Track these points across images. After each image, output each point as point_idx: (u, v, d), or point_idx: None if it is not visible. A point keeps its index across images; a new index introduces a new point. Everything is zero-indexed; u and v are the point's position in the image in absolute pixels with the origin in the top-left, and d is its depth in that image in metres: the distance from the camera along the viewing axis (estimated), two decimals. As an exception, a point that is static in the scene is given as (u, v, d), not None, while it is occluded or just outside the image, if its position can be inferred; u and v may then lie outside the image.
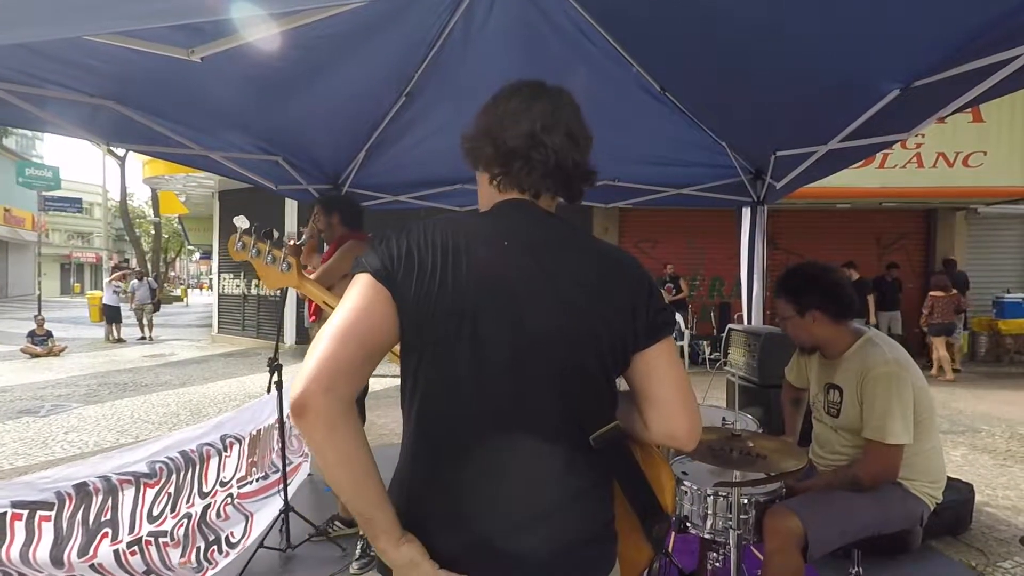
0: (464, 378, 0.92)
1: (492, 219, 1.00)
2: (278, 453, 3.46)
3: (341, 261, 2.84)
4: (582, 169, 1.03)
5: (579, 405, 0.95)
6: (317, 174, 3.70)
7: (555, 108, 1.01)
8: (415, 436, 0.97)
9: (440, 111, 3.38)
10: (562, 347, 0.93)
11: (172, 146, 2.61)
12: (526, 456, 0.94)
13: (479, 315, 0.91)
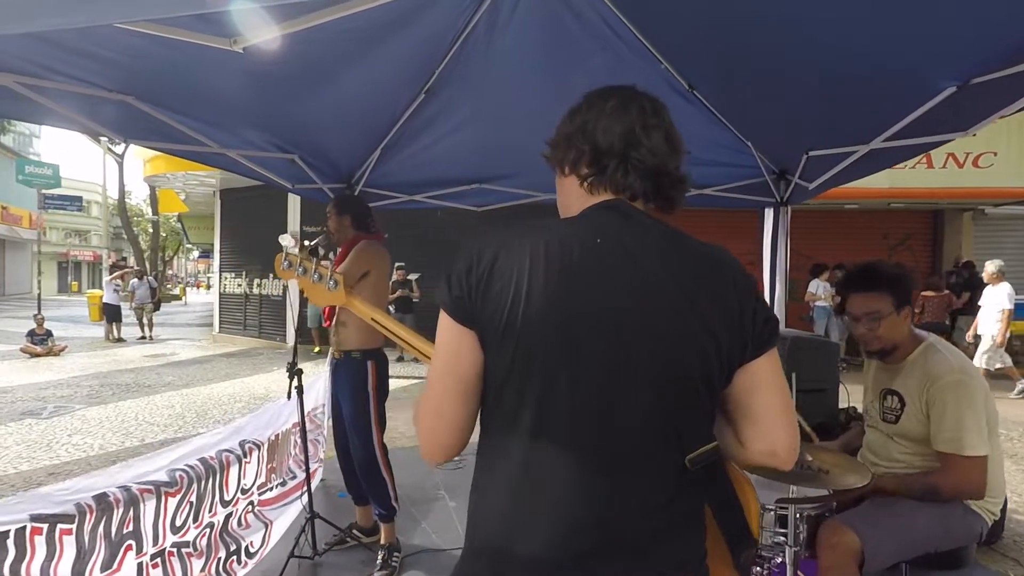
0: (555, 394, 0.86)
1: (583, 222, 0.93)
2: (295, 459, 3.38)
3: (356, 264, 2.76)
4: (677, 176, 0.97)
5: (678, 423, 0.88)
6: (331, 173, 3.61)
7: (654, 110, 0.95)
8: (498, 453, 0.91)
9: (460, 108, 3.30)
10: (664, 360, 0.86)
11: (190, 144, 2.53)
12: (620, 478, 0.87)
13: (572, 326, 0.85)
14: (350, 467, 2.96)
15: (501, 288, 0.85)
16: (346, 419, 2.84)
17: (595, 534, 0.86)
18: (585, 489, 0.86)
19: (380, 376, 2.83)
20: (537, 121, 3.48)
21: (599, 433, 0.86)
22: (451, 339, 0.89)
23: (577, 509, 0.86)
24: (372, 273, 2.78)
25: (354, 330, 2.79)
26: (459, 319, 0.88)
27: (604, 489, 0.87)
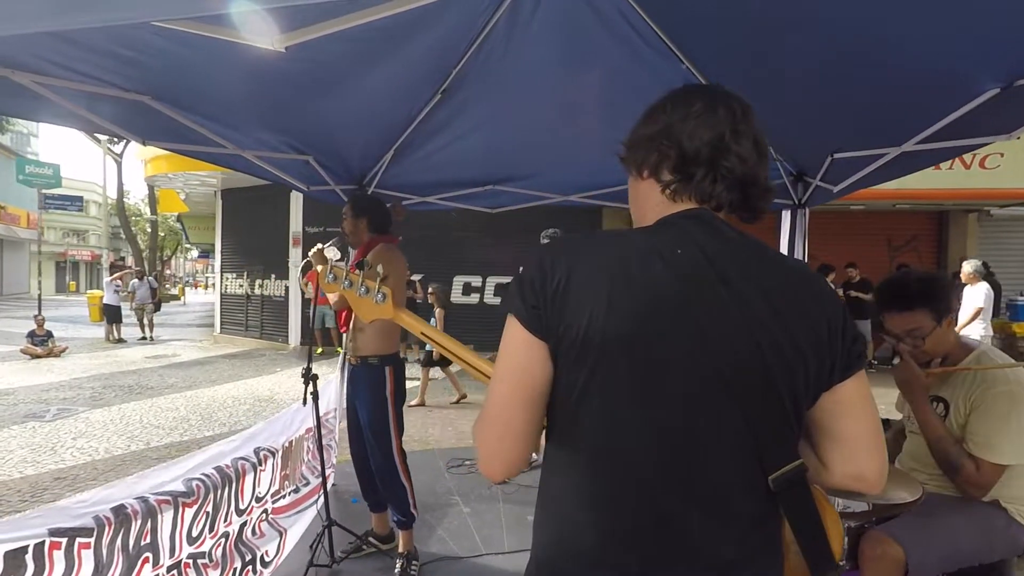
0: (636, 411, 0.81)
1: (666, 233, 0.87)
2: (308, 465, 3.33)
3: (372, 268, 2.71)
4: (765, 185, 0.91)
5: (762, 443, 0.83)
6: (344, 175, 3.56)
7: (743, 113, 0.89)
8: (572, 471, 0.86)
9: (476, 109, 3.25)
10: (750, 378, 0.81)
11: (206, 145, 2.47)
12: (701, 500, 0.82)
13: (656, 342, 0.80)
14: (367, 474, 2.91)
15: (580, 300, 0.80)
16: (364, 425, 2.79)
17: (672, 558, 0.82)
18: (664, 511, 0.82)
19: (398, 381, 2.78)
20: (553, 122, 3.47)
21: (682, 452, 0.82)
22: (522, 351, 0.84)
23: (655, 532, 0.82)
24: (390, 278, 2.72)
25: (372, 336, 2.73)
26: (533, 330, 0.83)
27: (684, 512, 0.82)
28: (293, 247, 11.70)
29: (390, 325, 2.87)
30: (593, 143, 3.57)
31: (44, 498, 3.90)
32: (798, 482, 0.85)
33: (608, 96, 3.14)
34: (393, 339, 2.80)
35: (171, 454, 4.90)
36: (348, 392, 2.91)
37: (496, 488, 3.94)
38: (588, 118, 3.36)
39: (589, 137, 3.52)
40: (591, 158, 3.69)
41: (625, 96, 3.23)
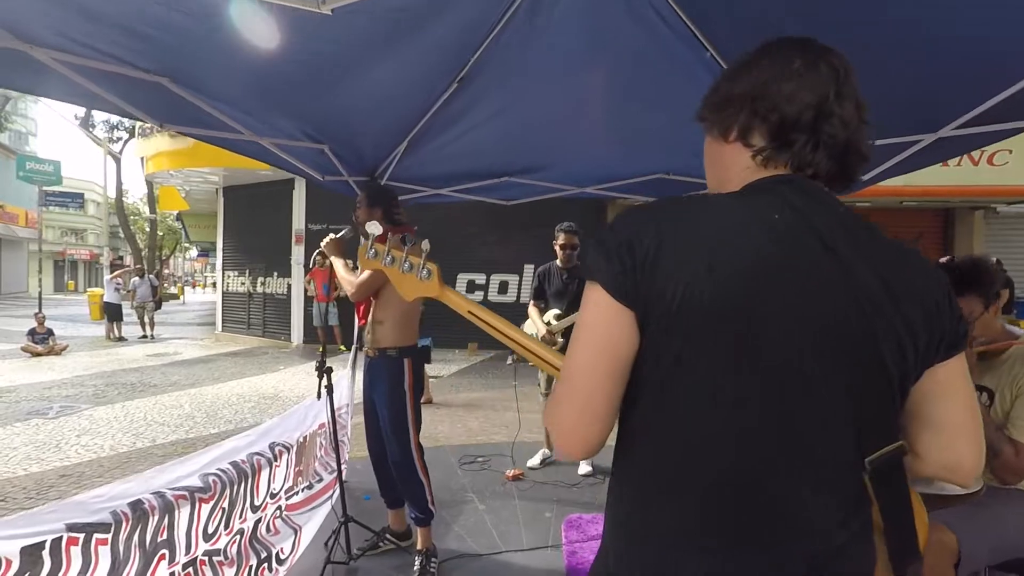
0: (733, 386, 0.74)
1: (761, 196, 0.81)
2: (321, 461, 3.26)
3: None
4: (864, 153, 0.84)
5: (863, 419, 0.77)
6: (357, 165, 3.49)
7: (845, 73, 0.81)
8: (656, 447, 0.79)
9: (493, 99, 3.18)
10: (856, 350, 0.75)
11: (223, 130, 2.41)
12: (799, 484, 0.76)
13: (756, 308, 0.73)
14: (384, 469, 2.85)
15: (675, 266, 0.74)
16: (381, 419, 2.72)
17: (777, 539, 0.76)
18: (769, 488, 0.75)
19: (416, 374, 2.72)
20: (571, 112, 3.41)
21: (784, 426, 0.75)
22: (607, 320, 0.77)
23: (758, 511, 0.75)
24: None
25: (391, 327, 2.67)
26: (621, 297, 0.75)
27: (791, 489, 0.76)
28: (295, 244, 11.63)
29: (410, 316, 2.84)
30: (611, 133, 3.52)
31: (50, 495, 3.83)
32: (896, 465, 0.79)
33: (629, 85, 3.08)
34: (412, 330, 2.74)
35: (177, 451, 4.83)
36: (365, 385, 2.84)
37: (511, 485, 3.88)
38: (607, 108, 3.30)
39: (607, 127, 3.47)
40: (608, 149, 3.64)
41: (646, 86, 3.18)
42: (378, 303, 2.68)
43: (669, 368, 0.76)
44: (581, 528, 3.19)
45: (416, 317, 2.76)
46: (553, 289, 4.12)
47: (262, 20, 2.01)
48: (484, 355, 10.51)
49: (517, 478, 3.98)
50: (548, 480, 3.98)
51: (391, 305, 2.66)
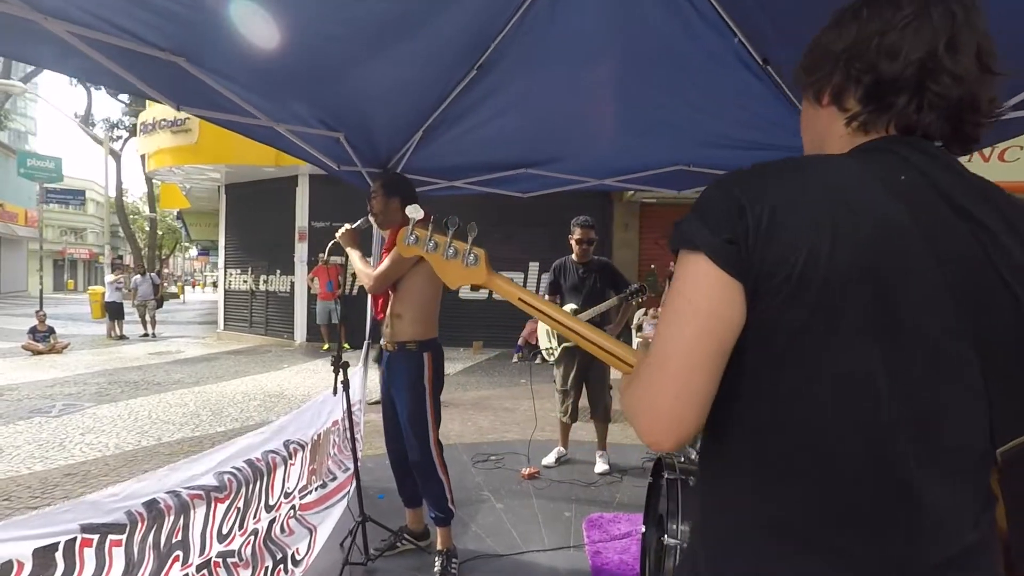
0: (861, 353, 0.65)
1: (877, 156, 0.72)
2: (335, 459, 3.18)
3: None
4: (988, 109, 0.73)
5: (998, 404, 0.67)
6: (371, 156, 3.40)
7: (964, 14, 0.70)
8: (768, 433, 0.70)
9: (513, 87, 3.09)
10: (996, 323, 0.67)
11: (239, 114, 2.32)
12: (940, 466, 0.67)
13: (888, 276, 0.64)
14: (402, 467, 2.76)
15: (794, 231, 0.64)
16: (400, 416, 2.63)
17: (908, 538, 0.67)
18: (901, 478, 0.66)
19: (436, 369, 2.63)
20: (593, 100, 3.32)
21: (918, 407, 0.66)
22: (712, 294, 0.67)
23: (889, 504, 0.66)
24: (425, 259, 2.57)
25: (410, 321, 2.58)
26: (729, 267, 0.66)
27: (925, 481, 0.66)
28: (299, 242, 11.54)
29: (430, 308, 2.73)
30: (632, 123, 3.43)
31: (55, 494, 3.74)
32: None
33: (652, 73, 2.99)
34: (432, 323, 2.65)
35: (184, 450, 4.75)
36: (383, 381, 2.75)
37: (527, 484, 3.79)
38: (629, 97, 3.21)
39: (628, 117, 3.37)
40: (628, 139, 3.55)
41: (670, 73, 3.09)
42: (397, 296, 2.59)
43: (787, 344, 0.66)
44: (603, 527, 3.11)
45: (436, 309, 2.67)
46: (569, 284, 4.04)
47: (262, 20, 1.93)
48: (489, 353, 10.42)
49: (533, 477, 3.89)
50: (564, 479, 3.89)
51: (410, 297, 2.58)
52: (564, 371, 4.05)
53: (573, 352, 3.99)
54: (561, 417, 4.15)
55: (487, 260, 1.15)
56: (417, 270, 2.57)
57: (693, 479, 2.07)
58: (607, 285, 4.00)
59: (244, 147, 11.00)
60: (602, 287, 4.00)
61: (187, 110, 2.14)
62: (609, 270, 4.08)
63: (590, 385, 4.04)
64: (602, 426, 4.13)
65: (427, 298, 2.60)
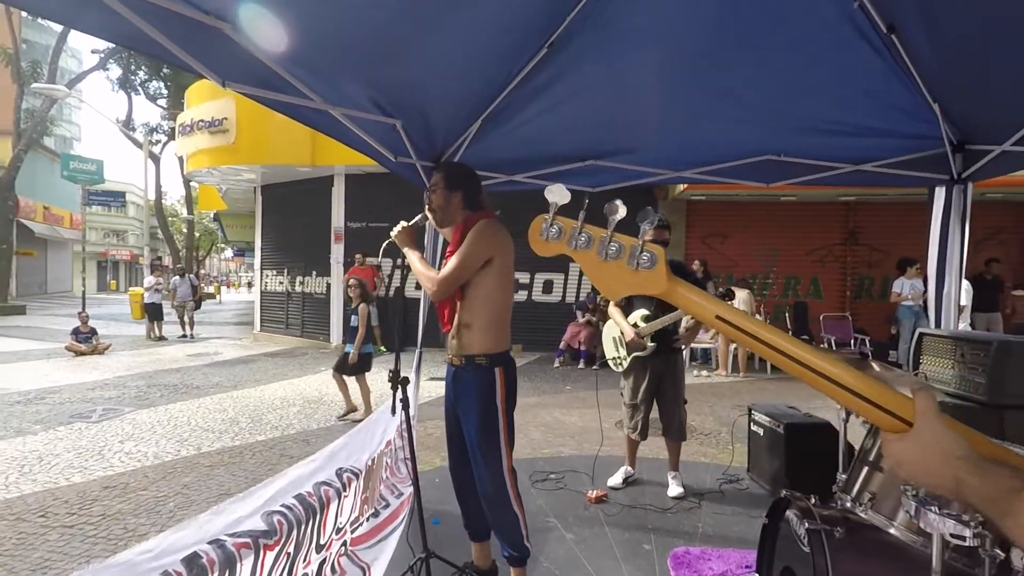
0: None
1: None
2: (387, 484, 2.87)
3: (479, 246, 2.21)
4: None
5: None
6: (426, 148, 3.08)
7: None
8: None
9: (585, 68, 2.73)
10: None
11: (292, 95, 2.02)
12: None
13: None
14: (469, 496, 2.44)
15: None
16: (469, 438, 2.30)
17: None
18: None
19: (509, 385, 2.29)
20: (674, 83, 2.93)
21: None
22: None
23: None
24: (496, 260, 2.24)
25: (480, 331, 2.25)
26: None
27: None
28: (335, 243, 11.37)
29: (503, 317, 2.32)
30: (716, 108, 3.01)
31: (93, 510, 3.53)
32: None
33: (749, 47, 2.59)
34: (504, 334, 2.32)
35: (223, 460, 4.52)
36: (448, 398, 2.42)
37: (595, 508, 3.43)
38: (714, 77, 2.81)
39: (713, 101, 2.97)
40: (711, 126, 3.14)
41: (771, 47, 2.67)
42: (464, 303, 2.26)
43: None
44: (691, 565, 2.73)
45: (508, 317, 2.33)
46: None
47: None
48: (529, 357, 10.06)
49: (600, 500, 3.53)
50: (635, 503, 3.51)
51: (480, 304, 2.24)
52: (634, 383, 3.67)
53: (645, 363, 3.61)
54: (630, 434, 3.78)
55: (666, 261, 0.80)
56: (488, 272, 2.24)
57: (842, 531, 1.69)
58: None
59: (280, 147, 10.89)
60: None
61: (235, 87, 1.84)
62: (682, 272, 3.70)
63: (663, 400, 3.65)
64: (675, 445, 3.74)
65: (499, 305, 2.27)
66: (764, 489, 3.73)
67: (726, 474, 3.96)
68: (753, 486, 3.83)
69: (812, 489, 3.31)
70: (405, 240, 2.42)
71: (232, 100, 10.94)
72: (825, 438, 3.53)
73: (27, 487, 3.94)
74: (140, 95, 31.38)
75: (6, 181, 21.12)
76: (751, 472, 3.95)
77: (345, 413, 5.84)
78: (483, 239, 2.22)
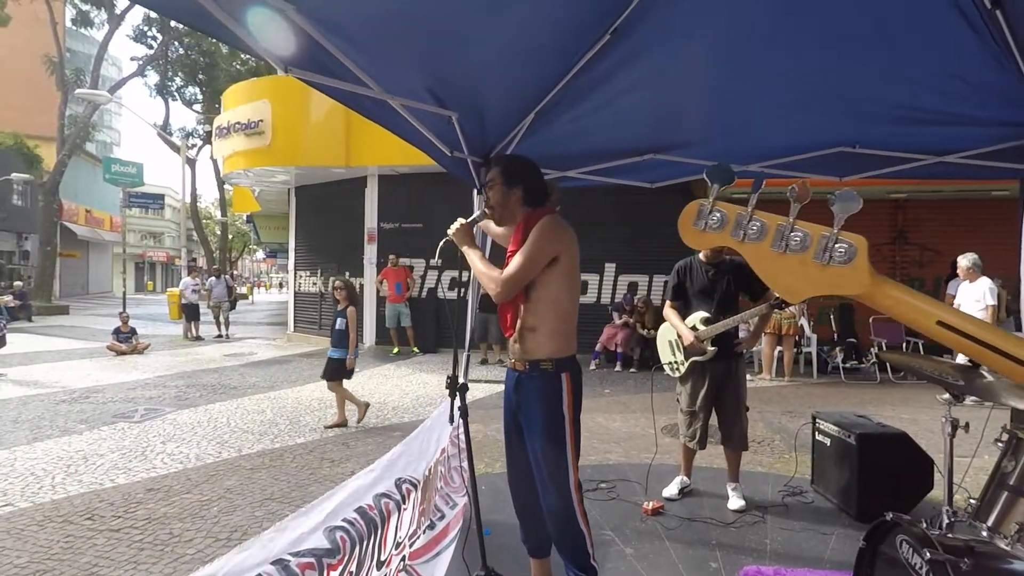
0: None
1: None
2: (441, 494, 2.74)
3: (545, 244, 2.06)
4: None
5: None
6: (477, 143, 2.95)
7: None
8: None
9: (651, 55, 2.56)
10: None
11: (351, 82, 1.91)
12: None
13: None
14: (530, 510, 2.29)
15: None
16: (532, 449, 2.15)
17: None
18: None
19: (576, 392, 2.14)
20: (745, 68, 2.74)
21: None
22: None
23: None
24: (563, 258, 2.09)
25: (546, 335, 2.10)
26: None
27: None
28: (368, 243, 11.37)
29: (570, 318, 2.12)
30: (791, 94, 2.81)
31: (138, 514, 3.49)
32: None
33: (830, 29, 2.39)
34: (571, 337, 2.17)
35: (264, 463, 4.47)
36: (509, 405, 2.28)
37: (652, 521, 3.26)
38: (792, 61, 2.61)
39: (786, 88, 2.78)
40: (781, 116, 2.94)
41: (854, 28, 2.47)
42: (529, 304, 2.11)
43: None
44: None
45: (575, 320, 2.18)
46: (697, 287, 3.47)
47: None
48: (564, 359, 9.88)
49: (657, 512, 3.35)
50: (695, 515, 3.32)
51: (546, 305, 2.09)
52: (692, 389, 3.48)
53: (704, 368, 3.42)
54: (686, 442, 3.59)
55: (867, 255, 0.64)
56: (553, 272, 2.08)
57: (969, 563, 1.50)
58: (742, 289, 3.40)
59: (315, 148, 10.94)
60: (735, 291, 3.41)
61: (296, 73, 1.73)
62: (745, 272, 3.49)
63: (723, 407, 3.46)
64: (735, 455, 3.54)
65: (566, 305, 2.12)
66: (831, 503, 3.50)
67: (788, 486, 3.74)
68: (818, 499, 3.61)
69: (890, 506, 3.08)
70: (464, 238, 2.29)
71: (268, 103, 11.04)
72: (901, 450, 3.29)
73: (73, 488, 3.94)
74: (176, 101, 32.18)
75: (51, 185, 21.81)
76: (816, 484, 3.72)
77: (334, 424, 5.63)
78: (549, 236, 2.08)
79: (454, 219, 2.33)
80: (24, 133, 27.44)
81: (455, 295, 10.74)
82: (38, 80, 28.95)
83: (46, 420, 5.77)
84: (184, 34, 28.45)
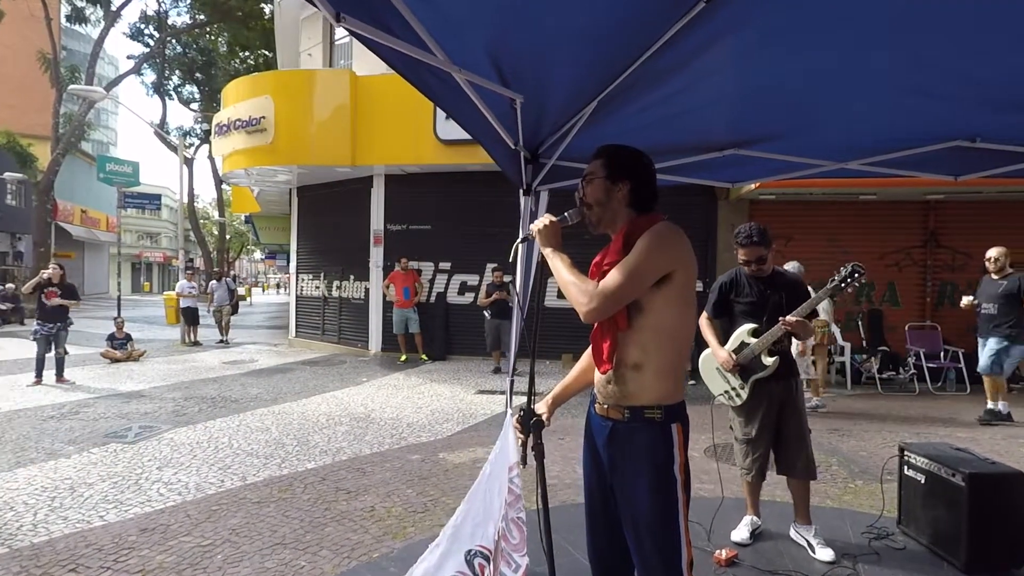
0: None
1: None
2: (504, 554, 2.28)
3: (656, 255, 1.61)
4: None
5: None
6: (532, 133, 2.51)
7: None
8: None
9: (745, 33, 2.10)
10: None
11: (412, 45, 1.46)
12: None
13: None
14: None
15: None
16: (634, 520, 1.69)
17: None
18: None
19: (687, 447, 1.69)
20: (854, 47, 2.28)
21: None
22: None
23: None
24: (679, 276, 1.64)
25: (654, 374, 1.65)
26: None
27: None
28: (374, 246, 10.91)
29: (681, 354, 1.66)
30: (902, 79, 2.37)
31: (130, 562, 3.03)
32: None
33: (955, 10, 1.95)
34: (682, 379, 1.72)
35: (272, 495, 4.00)
36: (595, 462, 1.82)
37: (727, 572, 2.81)
38: (904, 39, 2.15)
39: (897, 69, 2.33)
40: (893, 104, 2.50)
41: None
42: (634, 330, 1.66)
43: None
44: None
45: (689, 354, 1.74)
46: (745, 301, 3.10)
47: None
48: (580, 368, 9.43)
49: (732, 562, 2.90)
50: (776, 567, 2.88)
51: (655, 335, 1.64)
52: (749, 413, 3.07)
53: (767, 389, 3.01)
54: (744, 476, 3.16)
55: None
56: (666, 292, 1.63)
57: None
58: (796, 307, 3.00)
59: (320, 147, 10.46)
60: (789, 308, 3.00)
61: (349, 23, 1.28)
62: (801, 290, 3.11)
63: (786, 432, 3.05)
64: (803, 485, 3.11)
65: (681, 337, 1.67)
66: (927, 548, 3.06)
67: (873, 527, 3.30)
68: (909, 543, 3.17)
69: (1004, 556, 2.62)
70: (550, 238, 1.82)
71: (271, 99, 10.57)
72: (1018, 492, 2.86)
73: (57, 527, 3.47)
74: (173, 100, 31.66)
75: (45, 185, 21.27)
76: (903, 525, 3.28)
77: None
78: (664, 246, 1.63)
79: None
80: (18, 131, 26.91)
81: (468, 301, 10.27)
82: (32, 78, 28.46)
83: (31, 440, 5.29)
84: (182, 32, 27.96)
